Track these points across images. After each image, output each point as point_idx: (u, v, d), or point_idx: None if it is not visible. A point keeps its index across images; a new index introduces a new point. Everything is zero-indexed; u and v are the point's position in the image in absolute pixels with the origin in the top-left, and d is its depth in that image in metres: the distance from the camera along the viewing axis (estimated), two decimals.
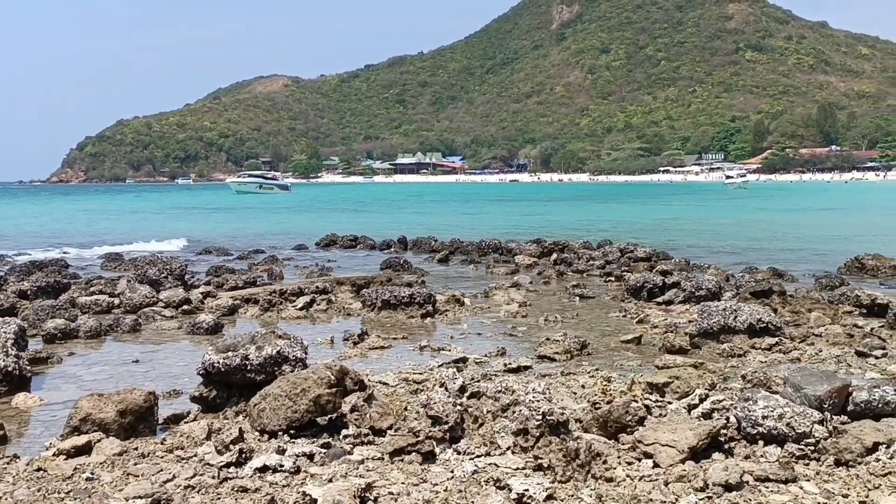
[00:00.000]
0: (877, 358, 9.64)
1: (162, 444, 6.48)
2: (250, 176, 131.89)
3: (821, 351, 10.15)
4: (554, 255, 23.11)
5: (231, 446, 6.05)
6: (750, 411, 6.20)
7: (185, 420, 7.35)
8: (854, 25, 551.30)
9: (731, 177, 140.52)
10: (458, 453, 6.12)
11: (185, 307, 14.32)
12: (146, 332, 12.70)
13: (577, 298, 15.77)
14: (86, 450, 6.29)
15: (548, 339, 11.04)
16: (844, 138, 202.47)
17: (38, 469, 5.91)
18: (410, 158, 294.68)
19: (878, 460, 5.74)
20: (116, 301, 14.72)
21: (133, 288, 15.04)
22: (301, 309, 14.31)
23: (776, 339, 10.68)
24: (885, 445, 5.87)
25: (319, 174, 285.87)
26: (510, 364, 9.58)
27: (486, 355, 10.28)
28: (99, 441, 6.41)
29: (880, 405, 6.48)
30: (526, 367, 9.53)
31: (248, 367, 7.62)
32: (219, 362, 7.62)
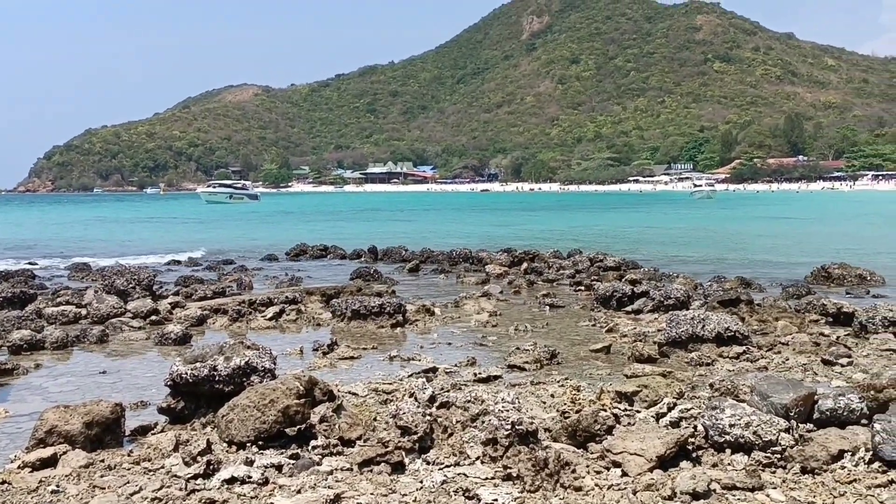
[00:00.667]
0: (842, 366, 9.74)
1: (129, 455, 6.43)
2: (220, 185, 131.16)
3: (787, 359, 10.24)
4: (524, 265, 23.17)
5: (199, 458, 6.01)
6: (717, 420, 6.24)
7: (153, 431, 7.29)
8: (820, 37, 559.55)
9: (699, 185, 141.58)
10: (428, 463, 6.12)
11: (154, 318, 14.21)
12: (114, 342, 12.59)
13: (548, 308, 15.82)
14: (51, 462, 6.22)
15: (518, 348, 11.07)
16: (811, 148, 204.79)
17: (3, 482, 5.84)
18: (381, 168, 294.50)
19: (843, 468, 5.80)
20: (84, 312, 14.59)
21: (100, 298, 14.91)
22: (270, 319, 14.25)
23: (744, 347, 10.77)
24: (850, 453, 5.93)
25: (290, 184, 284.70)
26: (480, 374, 9.58)
27: (456, 365, 10.28)
28: (65, 453, 6.34)
29: (845, 413, 6.55)
30: (496, 377, 9.54)
31: (217, 378, 7.58)
32: (187, 373, 7.57)
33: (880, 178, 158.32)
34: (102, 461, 6.28)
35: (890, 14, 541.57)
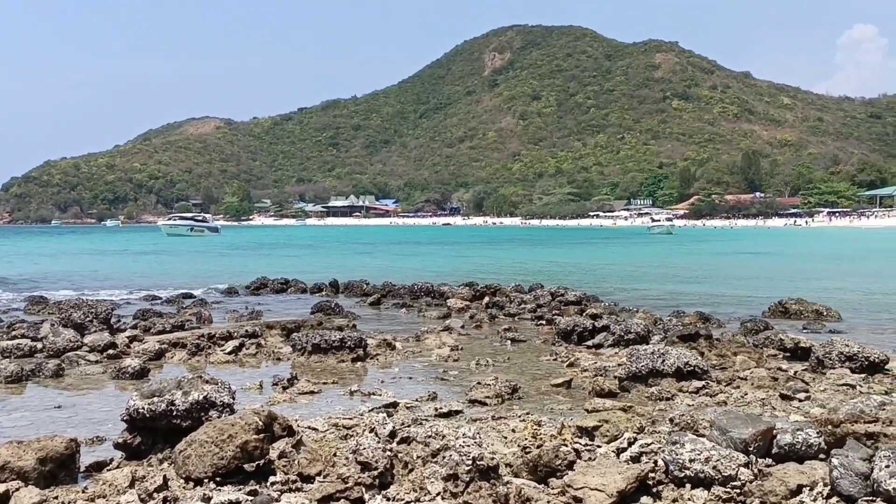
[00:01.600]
0: (800, 401, 9.83)
1: (83, 492, 6.31)
2: (181, 218, 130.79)
3: (746, 394, 10.31)
4: (486, 299, 23.21)
5: (155, 494, 5.92)
6: (677, 455, 6.26)
7: (108, 468, 7.16)
8: (776, 76, 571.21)
9: (658, 220, 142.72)
10: (388, 500, 6.07)
11: (111, 351, 14.01)
12: (69, 376, 12.39)
13: (509, 342, 15.83)
14: (3, 499, 6.08)
15: (479, 383, 11.05)
16: (768, 185, 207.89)
17: None
18: (343, 201, 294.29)
19: (801, 502, 5.84)
20: (39, 345, 14.35)
21: (57, 332, 14.70)
22: (230, 353, 14.12)
23: (703, 382, 10.84)
24: (808, 488, 5.98)
25: (251, 217, 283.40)
26: (441, 409, 9.54)
27: (417, 400, 10.23)
28: (17, 490, 6.21)
29: (804, 448, 6.60)
30: (457, 412, 9.50)
31: (174, 413, 7.47)
32: (143, 408, 7.46)
33: (836, 214, 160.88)
34: (56, 498, 6.16)
35: (843, 54, 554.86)
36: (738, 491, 6.01)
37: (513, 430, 8.29)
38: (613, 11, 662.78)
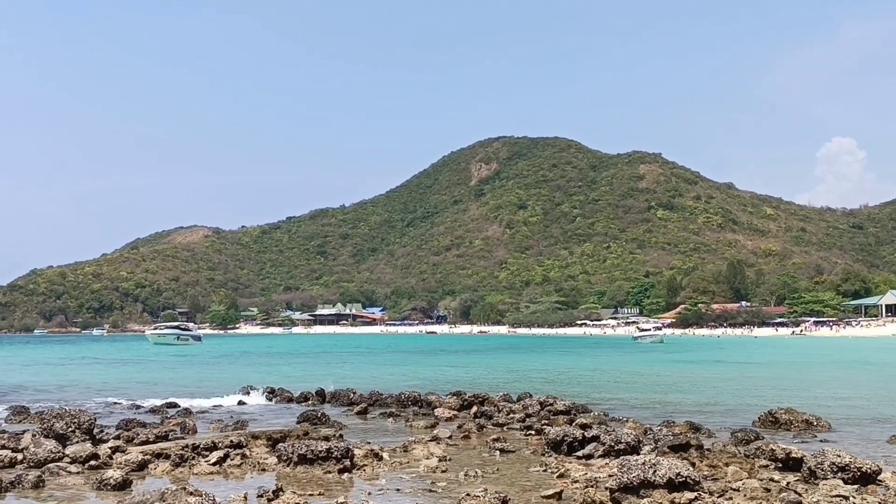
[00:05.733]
0: None
1: None
2: (167, 327, 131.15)
3: None
4: (474, 408, 23.03)
5: None
6: None
7: None
8: (758, 187, 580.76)
9: (647, 329, 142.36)
10: None
11: (93, 462, 13.80)
12: (50, 487, 12.19)
13: (498, 452, 15.66)
14: None
15: (468, 494, 10.89)
16: (754, 294, 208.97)
17: None
18: (330, 309, 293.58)
19: None
20: (20, 456, 14.12)
21: (38, 442, 14.48)
22: (214, 464, 13.91)
23: (695, 493, 10.71)
24: None
25: (237, 325, 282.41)
26: None
27: None
28: None
29: None
30: None
31: None
32: None
33: (822, 324, 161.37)
34: None
35: (824, 167, 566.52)
36: None
37: None
38: (597, 123, 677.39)
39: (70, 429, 16.26)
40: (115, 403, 27.53)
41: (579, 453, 14.89)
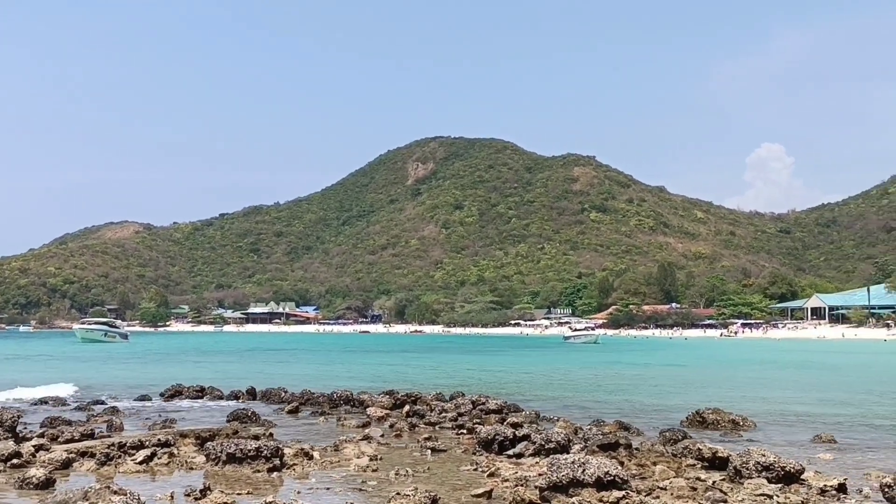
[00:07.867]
0: None
1: None
2: (96, 323, 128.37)
3: None
4: (406, 407, 22.99)
5: None
6: None
7: None
8: (689, 191, 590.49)
9: (580, 329, 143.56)
10: None
11: (15, 461, 13.45)
12: None
13: (429, 452, 15.64)
14: None
15: (398, 493, 10.85)
16: (684, 296, 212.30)
17: None
18: (263, 308, 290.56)
19: None
20: None
21: None
22: (141, 462, 13.66)
23: (623, 492, 10.80)
24: None
25: (168, 322, 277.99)
26: None
27: None
28: None
29: None
30: None
31: None
32: None
33: (750, 326, 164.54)
34: None
35: (753, 172, 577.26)
36: None
37: None
38: (533, 125, 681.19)
39: None
40: (41, 401, 26.87)
41: (510, 452, 14.94)
